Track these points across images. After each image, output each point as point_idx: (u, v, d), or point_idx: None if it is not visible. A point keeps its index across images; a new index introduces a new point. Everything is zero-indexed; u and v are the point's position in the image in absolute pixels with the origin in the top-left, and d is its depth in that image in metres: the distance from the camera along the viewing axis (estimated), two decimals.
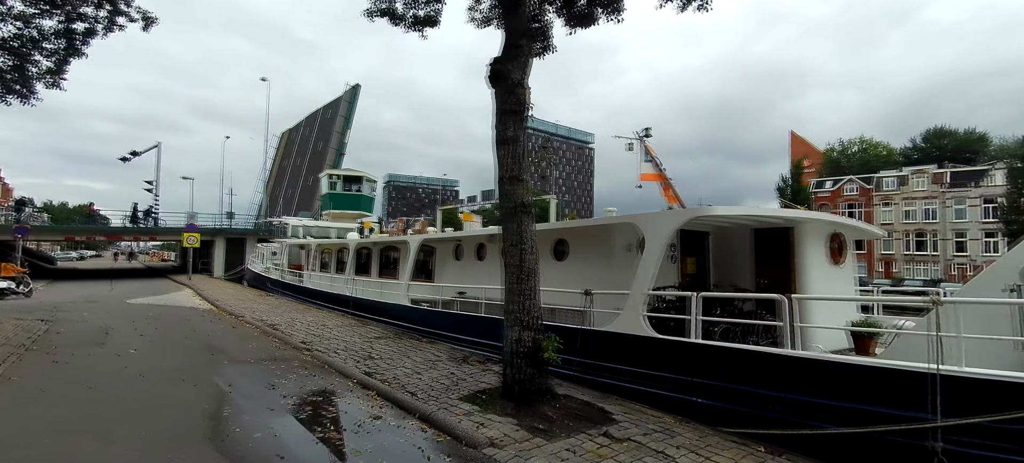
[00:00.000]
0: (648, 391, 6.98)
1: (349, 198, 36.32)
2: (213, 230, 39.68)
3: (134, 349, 9.84)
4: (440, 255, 14.99)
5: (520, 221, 6.61)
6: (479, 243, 13.18)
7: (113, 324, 13.47)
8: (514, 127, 6.76)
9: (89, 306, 18.13)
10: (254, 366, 8.55)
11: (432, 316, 11.96)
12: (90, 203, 36.90)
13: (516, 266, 6.55)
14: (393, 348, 10.30)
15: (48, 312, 16.18)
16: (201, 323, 13.99)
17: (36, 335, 11.40)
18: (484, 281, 12.25)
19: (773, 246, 9.65)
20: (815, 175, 78.21)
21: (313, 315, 15.69)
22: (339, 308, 17.60)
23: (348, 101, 48.88)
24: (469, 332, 10.58)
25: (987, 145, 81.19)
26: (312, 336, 11.64)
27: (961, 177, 65.24)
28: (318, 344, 10.58)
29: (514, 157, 6.72)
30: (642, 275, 7.35)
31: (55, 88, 14.47)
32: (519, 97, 6.75)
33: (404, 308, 13.55)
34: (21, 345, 10.12)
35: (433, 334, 11.78)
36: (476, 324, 10.38)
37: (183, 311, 16.94)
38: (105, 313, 15.89)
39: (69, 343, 10.49)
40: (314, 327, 13.11)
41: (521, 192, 6.70)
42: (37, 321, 13.70)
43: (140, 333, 11.90)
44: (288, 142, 63.00)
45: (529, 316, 6.50)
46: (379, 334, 12.11)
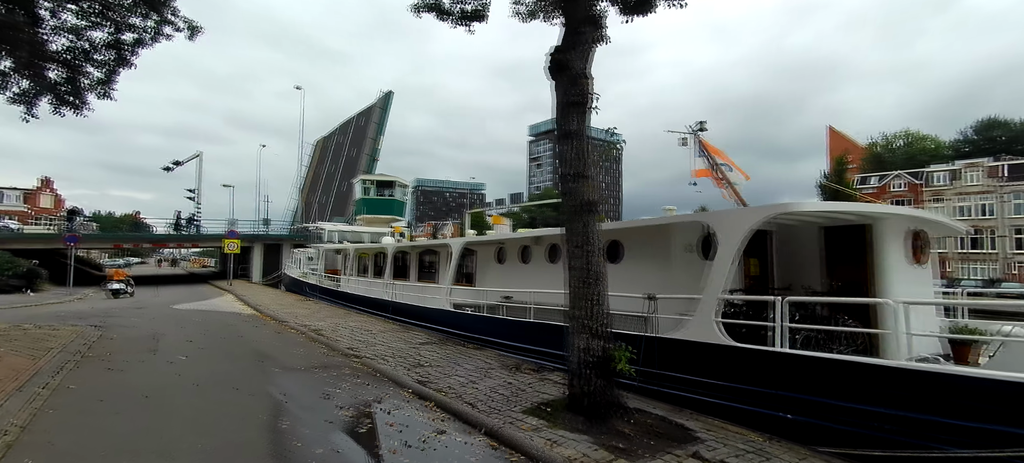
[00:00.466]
0: (726, 404, 6.43)
1: (382, 203, 36.63)
2: (251, 236, 40.55)
3: (185, 356, 9.81)
4: (481, 259, 14.66)
5: (585, 221, 6.18)
6: (523, 246, 12.78)
7: (162, 330, 13.62)
8: (577, 120, 6.34)
9: (137, 312, 18.53)
10: (305, 374, 8.36)
11: (477, 321, 11.61)
12: (136, 212, 38.31)
13: (582, 269, 6.12)
14: (441, 355, 9.99)
15: (101, 318, 16.57)
16: (246, 329, 14.02)
17: (91, 341, 11.56)
18: (530, 285, 11.85)
19: (846, 245, 8.94)
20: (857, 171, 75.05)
21: (354, 320, 15.59)
22: (379, 313, 17.49)
23: (381, 107, 49.35)
24: (519, 338, 10.19)
25: None
26: (357, 342, 11.45)
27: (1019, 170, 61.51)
28: (365, 350, 10.36)
29: (578, 152, 6.30)
30: (715, 278, 6.81)
31: (106, 98, 14.77)
32: (582, 88, 6.32)
33: (446, 313, 13.26)
34: (78, 352, 10.23)
35: (479, 340, 11.44)
36: (526, 330, 9.97)
37: (227, 317, 17.10)
38: (153, 319, 16.16)
39: (122, 350, 10.56)
40: (358, 332, 12.95)
41: (586, 190, 6.27)
42: (91, 327, 13.98)
43: (189, 339, 11.95)
44: (322, 150, 64.16)
45: (597, 323, 6.05)
46: (424, 340, 11.84)
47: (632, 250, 9.83)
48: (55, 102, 14.35)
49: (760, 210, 6.95)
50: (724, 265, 6.76)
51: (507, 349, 10.49)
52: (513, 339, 10.31)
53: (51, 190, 66.01)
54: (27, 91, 13.72)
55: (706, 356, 6.65)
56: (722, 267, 6.78)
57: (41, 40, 13.27)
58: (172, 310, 19.27)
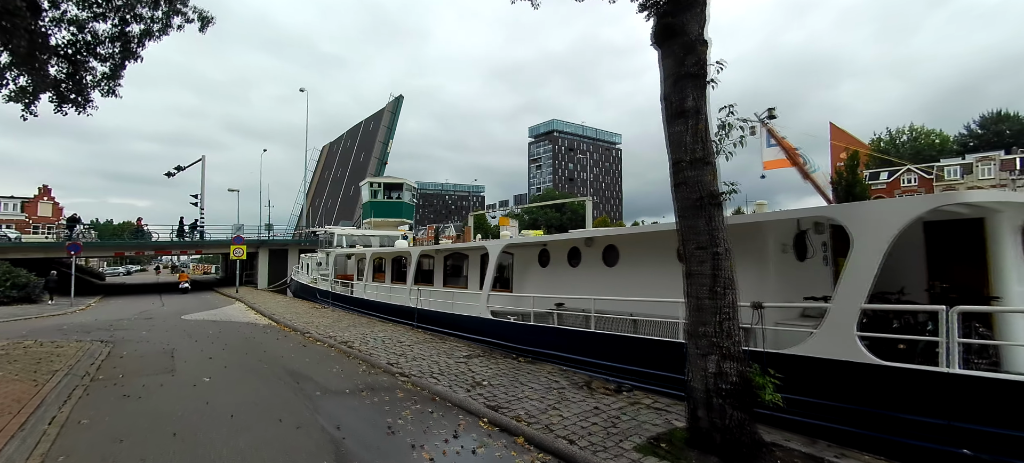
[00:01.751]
0: (872, 436, 5.35)
1: (390, 205, 35.61)
2: (257, 242, 39.39)
3: (208, 377, 8.69)
4: (520, 262, 13.56)
5: (710, 215, 5.09)
6: (572, 248, 11.69)
7: (176, 344, 12.50)
8: (695, 96, 5.25)
9: (146, 323, 17.40)
10: (353, 399, 7.24)
11: (528, 332, 10.49)
12: (138, 218, 36.99)
13: (708, 275, 5.03)
14: (494, 370, 8.89)
15: (106, 330, 15.44)
16: (268, 342, 12.90)
17: (99, 360, 10.44)
18: (582, 291, 10.76)
19: (956, 242, 7.85)
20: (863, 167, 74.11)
21: (380, 329, 14.47)
22: (402, 321, 16.38)
23: (392, 111, 48.27)
24: (583, 351, 9.08)
25: None
26: (394, 355, 10.35)
27: None
28: (408, 366, 9.26)
29: (696, 135, 5.21)
30: (853, 283, 5.72)
31: (111, 95, 13.68)
32: (700, 56, 5.24)
33: (486, 322, 12.16)
34: (86, 373, 9.11)
35: (530, 352, 10.35)
36: (594, 343, 8.85)
37: (243, 328, 15.97)
38: (164, 332, 15.04)
39: (136, 370, 9.45)
40: (390, 344, 11.84)
41: (709, 179, 5.18)
42: (98, 343, 12.86)
43: (208, 356, 10.83)
44: (328, 155, 63.10)
45: (730, 341, 4.96)
46: (466, 352, 10.74)
47: None
48: (57, 100, 13.25)
49: (918, 202, 5.87)
50: (866, 268, 5.67)
51: (566, 363, 9.39)
52: (575, 352, 9.20)
53: (50, 198, 64.74)
54: (25, 88, 12.62)
55: (848, 377, 5.57)
56: (863, 270, 5.69)
57: (41, 32, 12.18)
58: (182, 321, 18.13)
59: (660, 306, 8.49)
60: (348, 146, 55.98)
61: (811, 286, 8.41)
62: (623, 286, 9.93)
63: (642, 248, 9.95)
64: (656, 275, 9.46)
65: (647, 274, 9.66)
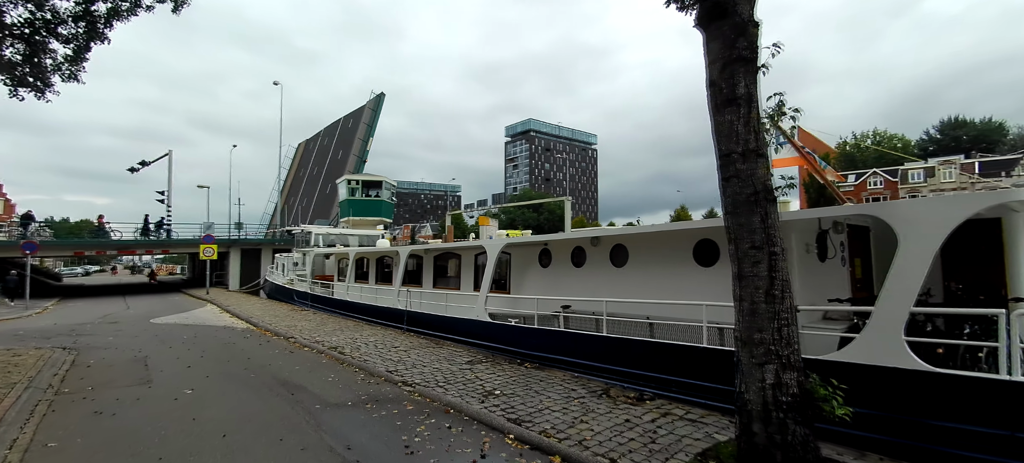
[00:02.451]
0: (925, 448, 5.06)
1: (369, 204, 34.65)
2: (228, 241, 37.79)
3: (190, 388, 7.91)
4: (518, 262, 13.05)
5: (765, 212, 4.70)
6: (576, 247, 11.24)
7: (148, 351, 11.55)
8: (746, 81, 4.85)
9: (111, 328, 16.21)
10: (357, 412, 6.61)
11: (534, 336, 9.98)
12: (99, 215, 34.91)
13: (764, 276, 4.63)
14: (504, 378, 8.37)
15: (68, 336, 14.27)
16: (250, 347, 12.05)
17: (63, 370, 9.48)
18: (589, 293, 10.34)
19: (971, 242, 7.73)
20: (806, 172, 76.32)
21: (369, 333, 13.76)
22: (390, 324, 15.69)
23: (372, 109, 47.03)
24: (595, 356, 8.63)
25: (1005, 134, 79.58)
26: (392, 362, 9.71)
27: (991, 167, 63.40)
28: (409, 374, 8.65)
29: (748, 124, 4.81)
30: (901, 285, 5.42)
31: (73, 80, 12.58)
32: (751, 39, 4.85)
33: (484, 325, 11.63)
34: (49, 385, 8.20)
35: (537, 358, 9.86)
36: (607, 348, 8.41)
37: (220, 332, 15.00)
38: (132, 337, 13.97)
39: (106, 381, 8.57)
40: (384, 349, 11.19)
41: (763, 172, 4.79)
42: (59, 350, 11.80)
43: (186, 364, 9.97)
44: (304, 152, 61.27)
45: (790, 349, 4.58)
46: (469, 357, 10.18)
47: None
48: (12, 84, 12.10)
49: (973, 200, 5.61)
50: (915, 269, 5.38)
51: (576, 368, 8.93)
52: (588, 357, 8.74)
53: (1, 194, 61.00)
54: None
55: (897, 386, 5.26)
56: (912, 272, 5.39)
57: None
58: (151, 325, 16.97)
59: (676, 309, 8.13)
60: (326, 144, 54.43)
61: (831, 287, 8.18)
62: (634, 288, 9.54)
63: (653, 248, 9.58)
64: (670, 276, 9.10)
65: (660, 275, 9.29)
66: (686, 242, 8.90)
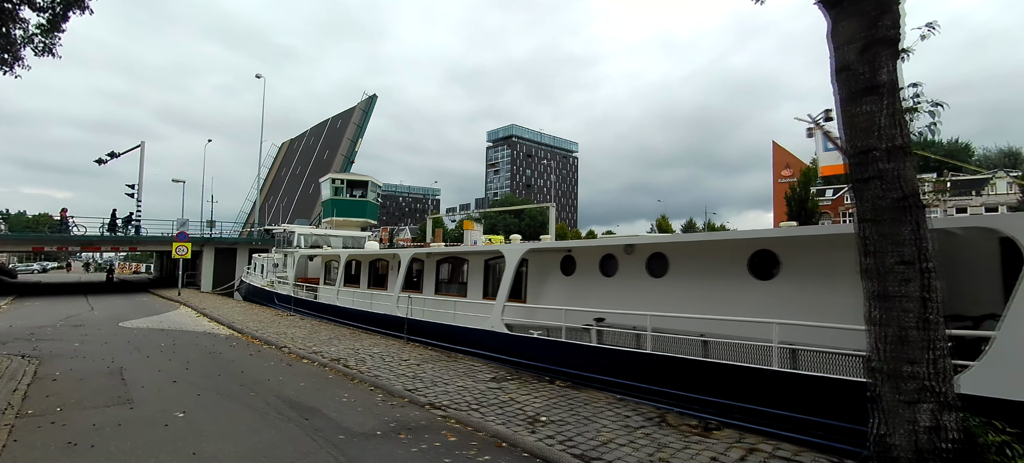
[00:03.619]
0: None
1: (354, 204, 33.29)
2: (202, 240, 35.80)
3: (182, 411, 6.75)
4: (536, 270, 12.17)
5: (916, 221, 3.96)
6: (606, 255, 10.43)
7: (123, 361, 10.23)
8: (890, 67, 4.13)
9: (76, 332, 14.65)
10: (391, 444, 5.60)
11: (566, 352, 9.07)
12: (62, 208, 32.56)
13: (916, 298, 3.89)
14: (542, 399, 7.47)
15: (27, 341, 12.74)
16: (240, 358, 10.83)
17: (24, 384, 8.16)
18: (622, 304, 9.53)
19: None
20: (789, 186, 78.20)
21: (369, 343, 12.65)
22: (388, 332, 14.60)
23: (363, 110, 45.64)
24: (640, 377, 7.81)
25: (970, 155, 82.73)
26: (407, 378, 8.69)
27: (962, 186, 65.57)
28: (433, 394, 7.66)
29: (893, 116, 4.08)
30: None
31: (48, 54, 11.20)
32: (896, 16, 4.13)
33: (501, 337, 10.71)
34: (8, 405, 6.92)
35: (561, 374, 8.98)
36: (655, 367, 7.59)
37: (201, 339, 13.64)
38: (102, 344, 12.53)
39: (78, 399, 7.32)
40: (393, 363, 10.14)
41: (912, 174, 4.06)
42: (18, 358, 10.38)
43: (171, 378, 8.74)
44: (287, 151, 59.29)
45: (947, 385, 3.84)
46: (491, 374, 9.24)
47: (793, 264, 7.72)
48: None
49: None
50: None
51: (614, 388, 8.08)
52: (631, 377, 7.91)
53: None
54: None
55: None
56: None
57: None
58: (121, 329, 15.44)
59: (735, 326, 7.37)
60: (311, 143, 52.65)
61: None
62: (677, 301, 8.77)
63: (699, 258, 8.84)
64: (720, 289, 8.36)
65: (708, 288, 8.54)
66: (739, 253, 8.19)
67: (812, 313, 7.01)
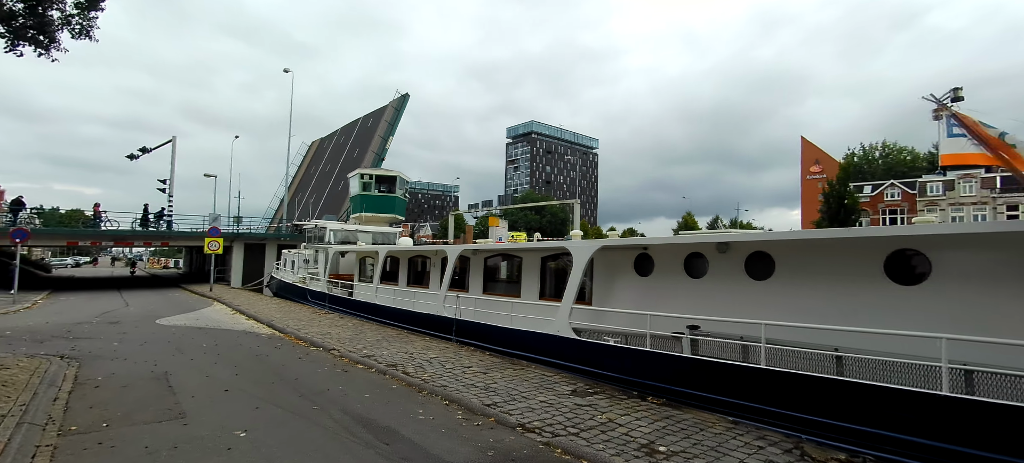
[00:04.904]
0: None
1: (382, 200, 32.63)
2: (231, 235, 35.59)
3: (243, 430, 5.89)
4: (603, 269, 11.12)
5: None
6: (692, 253, 9.32)
7: (166, 365, 9.50)
8: None
9: (113, 329, 14.10)
10: None
11: (658, 364, 7.99)
12: (95, 204, 32.59)
13: None
14: (645, 421, 6.45)
15: (64, 339, 12.19)
16: (289, 362, 10.03)
17: (64, 392, 7.44)
18: (712, 310, 8.44)
19: None
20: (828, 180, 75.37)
21: (420, 345, 11.79)
22: (433, 333, 13.73)
23: (396, 108, 45.28)
24: (752, 395, 6.72)
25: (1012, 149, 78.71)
26: (478, 390, 7.75)
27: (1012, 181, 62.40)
28: (516, 410, 6.70)
29: None
30: None
31: (85, 36, 10.55)
32: None
33: (570, 344, 9.70)
34: (49, 419, 6.16)
35: (649, 388, 7.93)
36: (786, 386, 6.48)
37: (243, 339, 12.94)
38: (141, 344, 11.89)
39: (124, 411, 6.54)
40: (454, 369, 9.22)
41: None
42: (56, 359, 9.74)
43: (222, 386, 7.94)
44: (317, 150, 59.50)
45: None
46: (569, 385, 8.24)
47: (948, 266, 6.52)
48: (9, 36, 10.08)
49: None
50: None
51: (719, 407, 7.00)
52: (745, 397, 6.81)
53: None
54: None
55: None
56: None
57: None
58: (159, 327, 14.87)
59: (880, 339, 6.24)
60: (341, 142, 52.54)
61: None
62: (788, 308, 7.63)
63: (815, 258, 7.68)
64: (848, 295, 7.20)
65: (832, 294, 7.37)
66: (872, 252, 7.03)
67: (973, 326, 5.87)
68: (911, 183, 67.31)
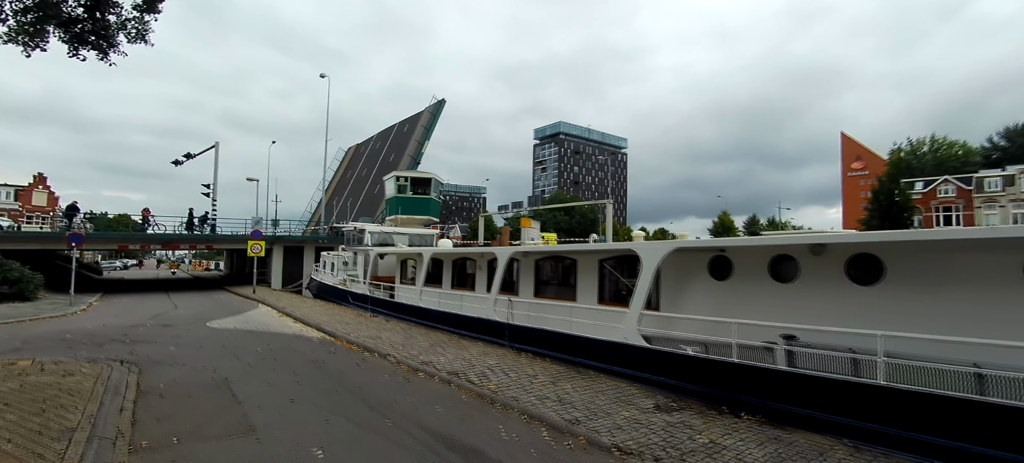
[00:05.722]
0: None
1: (418, 202, 32.48)
2: (272, 238, 36.07)
3: (319, 449, 5.48)
4: (671, 272, 10.40)
5: None
6: (779, 255, 8.54)
7: (226, 371, 9.27)
8: None
9: (167, 333, 14.13)
10: None
11: (752, 378, 7.28)
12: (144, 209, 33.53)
13: None
14: (755, 445, 5.78)
15: (122, 342, 12.19)
16: (348, 369, 9.68)
17: (129, 401, 7.22)
18: (805, 318, 7.63)
19: None
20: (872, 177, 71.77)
21: (475, 351, 11.32)
22: (485, 338, 13.24)
23: (432, 113, 45.54)
24: (881, 419, 5.94)
25: None
26: (554, 403, 7.19)
27: None
28: (605, 428, 6.11)
29: None
30: None
31: (141, 41, 10.49)
32: None
33: (641, 352, 9.04)
34: (117, 432, 5.89)
35: (737, 402, 7.22)
36: (918, 407, 5.68)
37: (295, 343, 12.73)
38: (197, 348, 11.78)
39: (193, 424, 6.23)
40: (520, 379, 8.69)
41: None
42: (117, 364, 9.64)
43: (286, 396, 7.60)
44: (354, 155, 60.54)
45: None
46: (648, 398, 7.61)
47: None
48: (72, 42, 10.07)
49: None
50: None
51: (836, 429, 6.25)
52: (882, 422, 5.97)
53: (45, 186, 61.04)
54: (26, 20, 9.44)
55: None
56: None
57: None
58: (211, 330, 14.86)
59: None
60: (377, 147, 53.21)
61: None
62: (903, 316, 6.81)
63: (936, 260, 6.84)
64: (985, 304, 6.33)
65: (961, 301, 6.52)
66: (1011, 255, 6.17)
67: None
68: (966, 178, 63.67)
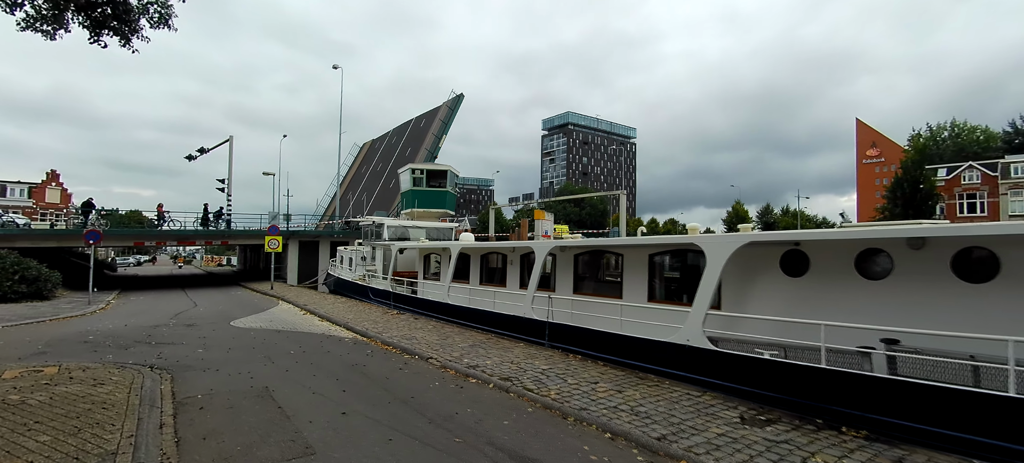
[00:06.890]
0: None
1: (434, 195, 31.93)
2: (287, 233, 35.62)
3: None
4: (736, 267, 9.66)
5: None
6: (867, 249, 7.78)
7: (264, 378, 8.68)
8: None
9: (192, 333, 13.61)
10: None
11: (850, 387, 6.56)
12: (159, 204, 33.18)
13: None
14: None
15: (147, 344, 11.68)
16: (392, 374, 9.07)
17: (167, 413, 6.65)
18: (902, 319, 6.91)
19: None
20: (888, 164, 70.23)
21: (520, 353, 10.69)
22: (522, 337, 12.61)
23: (450, 107, 45.06)
24: (1003, 434, 5.23)
25: None
26: (634, 417, 6.53)
27: None
28: (704, 450, 5.45)
29: None
30: None
31: (164, 26, 9.86)
32: None
33: (707, 356, 8.36)
34: (161, 452, 5.30)
35: (842, 415, 6.52)
36: None
37: (328, 344, 12.15)
38: (226, 350, 11.24)
39: (243, 444, 5.62)
40: (581, 385, 8.04)
41: None
42: (147, 369, 9.10)
43: (337, 407, 6.98)
44: (369, 150, 60.22)
45: None
46: (729, 407, 6.93)
47: None
48: (93, 28, 9.45)
49: None
50: None
51: (960, 446, 5.54)
52: (997, 437, 5.32)
53: (58, 183, 61.10)
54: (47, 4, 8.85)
55: None
56: None
57: None
58: (237, 330, 14.33)
59: None
60: (393, 142, 52.83)
61: None
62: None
63: None
64: None
65: None
66: None
67: None
68: (991, 164, 62.05)
